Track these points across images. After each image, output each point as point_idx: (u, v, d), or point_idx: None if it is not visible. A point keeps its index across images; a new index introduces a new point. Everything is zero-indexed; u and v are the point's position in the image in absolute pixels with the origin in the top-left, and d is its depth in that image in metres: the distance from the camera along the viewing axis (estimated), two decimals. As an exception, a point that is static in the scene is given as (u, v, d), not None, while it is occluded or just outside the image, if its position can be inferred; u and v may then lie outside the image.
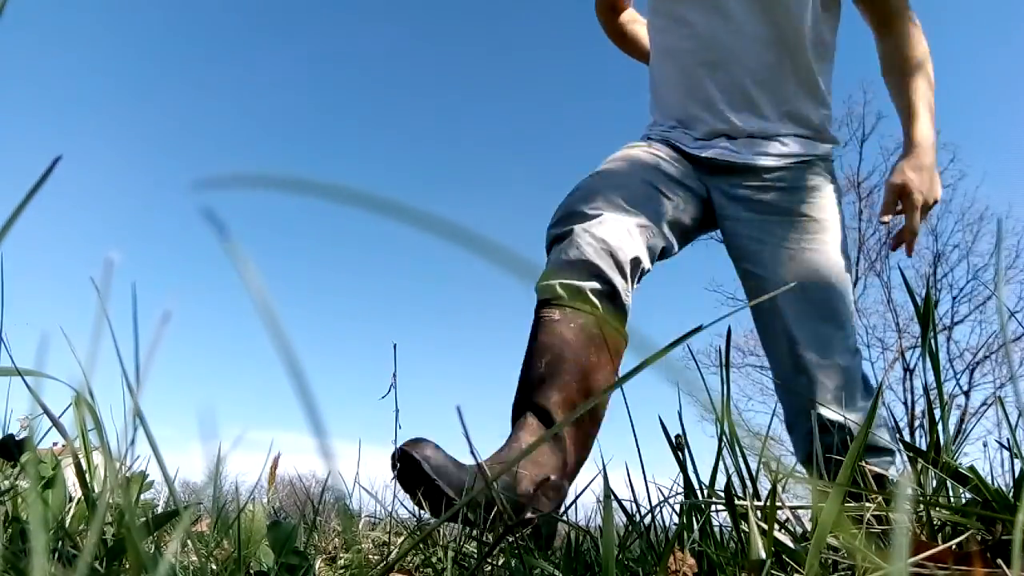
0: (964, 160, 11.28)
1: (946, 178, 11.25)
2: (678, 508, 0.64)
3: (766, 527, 0.47)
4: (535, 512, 1.05)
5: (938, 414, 0.66)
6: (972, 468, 0.56)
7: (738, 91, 1.50)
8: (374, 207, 0.25)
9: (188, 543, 0.60)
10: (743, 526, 0.52)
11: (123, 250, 0.33)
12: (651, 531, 0.69)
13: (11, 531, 0.56)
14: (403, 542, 0.86)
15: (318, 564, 0.68)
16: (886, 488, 0.95)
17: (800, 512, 0.59)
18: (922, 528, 0.54)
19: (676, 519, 0.66)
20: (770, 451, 0.66)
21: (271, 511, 1.27)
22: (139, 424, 0.43)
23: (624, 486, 0.73)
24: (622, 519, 0.72)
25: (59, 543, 0.56)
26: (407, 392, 1.18)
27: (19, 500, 0.64)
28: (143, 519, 0.56)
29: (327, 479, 0.92)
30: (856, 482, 0.69)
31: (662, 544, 0.68)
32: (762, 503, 0.53)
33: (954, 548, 0.46)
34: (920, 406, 10.63)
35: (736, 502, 0.54)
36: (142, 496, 0.81)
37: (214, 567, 0.61)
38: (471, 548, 0.83)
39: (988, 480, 0.55)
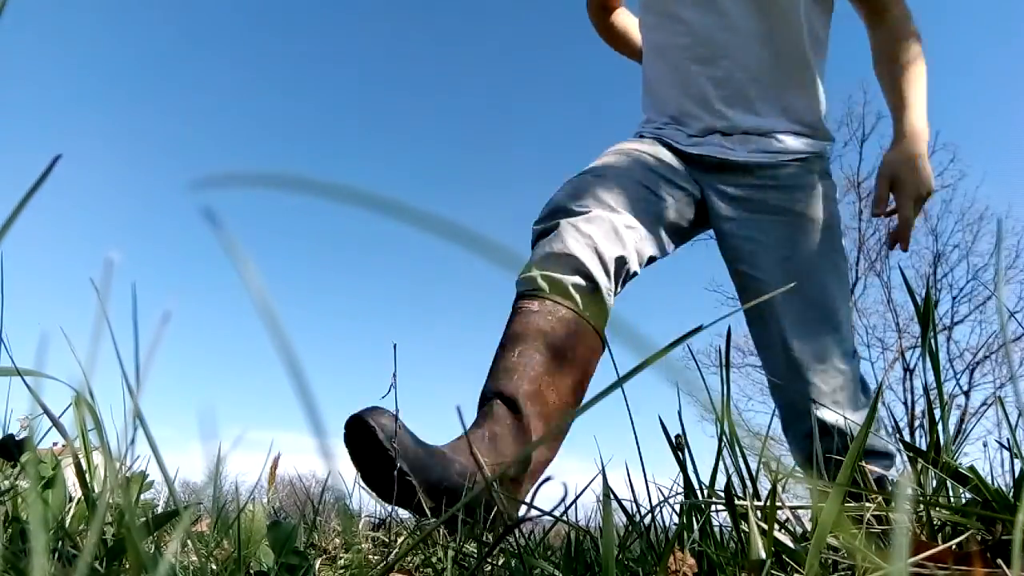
0: (964, 160, 11.28)
1: (946, 178, 11.26)
2: (678, 508, 0.64)
3: (766, 527, 0.47)
4: (491, 505, 0.96)
5: (938, 414, 0.66)
6: (972, 468, 0.56)
7: (733, 87, 1.47)
8: (374, 207, 0.25)
9: (188, 543, 0.60)
10: (743, 526, 0.52)
11: (123, 250, 0.33)
12: (651, 531, 0.69)
13: (11, 531, 0.56)
14: (403, 542, 0.86)
15: (318, 564, 0.68)
16: (886, 490, 0.95)
17: (800, 512, 0.59)
18: (922, 528, 0.54)
19: (676, 519, 0.66)
20: (770, 451, 0.66)
21: (271, 511, 1.27)
22: (139, 424, 0.43)
23: (624, 486, 0.73)
24: (622, 519, 0.72)
25: (59, 543, 0.56)
26: (407, 392, 1.17)
27: (19, 500, 0.64)
28: (143, 519, 0.56)
29: (327, 479, 0.92)
30: (856, 482, 0.69)
31: (662, 544, 0.68)
32: (762, 503, 0.53)
33: (954, 548, 0.46)
34: (920, 406, 10.63)
35: (736, 502, 0.54)
36: (142, 496, 0.81)
37: (214, 567, 0.61)
38: (471, 548, 0.83)
39: (988, 480, 0.55)
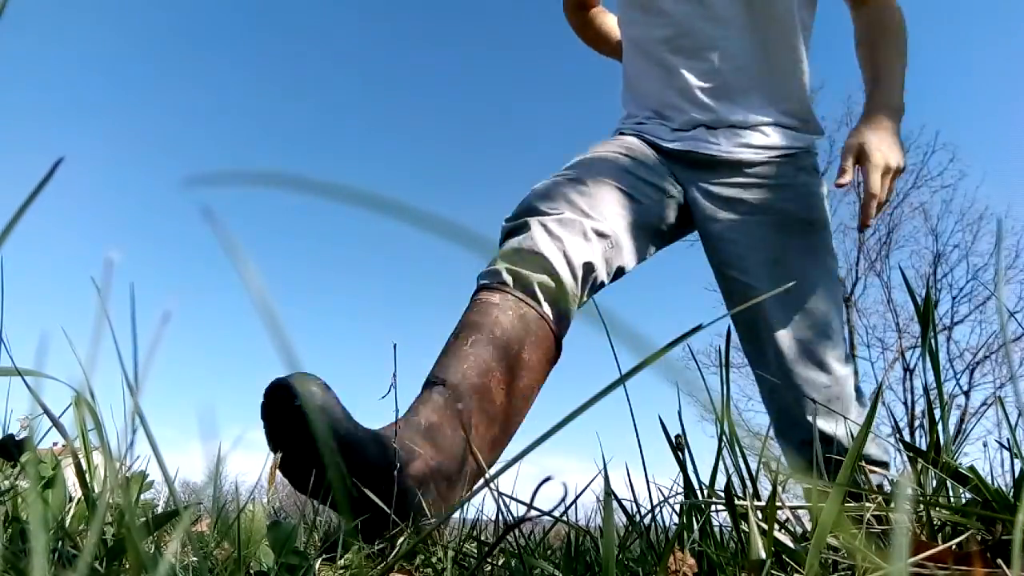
0: (964, 160, 11.31)
1: (946, 178, 11.28)
2: (678, 508, 0.64)
3: (766, 527, 0.47)
4: (418, 502, 0.90)
5: (938, 414, 0.66)
6: (972, 468, 0.56)
7: (718, 79, 1.41)
8: (374, 207, 0.25)
9: (188, 543, 0.60)
10: (743, 526, 0.52)
11: (123, 250, 0.33)
12: (651, 531, 0.69)
13: (11, 531, 0.56)
14: (403, 542, 0.86)
15: (318, 564, 0.68)
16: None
17: (800, 512, 0.59)
18: (922, 528, 0.54)
19: (676, 519, 0.66)
20: (770, 451, 0.66)
21: (271, 511, 1.27)
22: (139, 424, 0.43)
23: (624, 486, 0.73)
24: (622, 519, 0.71)
25: (59, 543, 0.56)
26: (407, 392, 1.17)
27: (19, 500, 0.64)
28: (143, 519, 0.56)
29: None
30: (856, 482, 0.69)
31: (662, 544, 0.68)
32: (762, 503, 0.53)
33: (954, 548, 0.46)
34: (920, 406, 10.64)
35: (736, 502, 0.54)
36: (142, 496, 0.81)
37: (214, 567, 0.61)
38: (471, 548, 0.83)
39: (988, 480, 0.55)
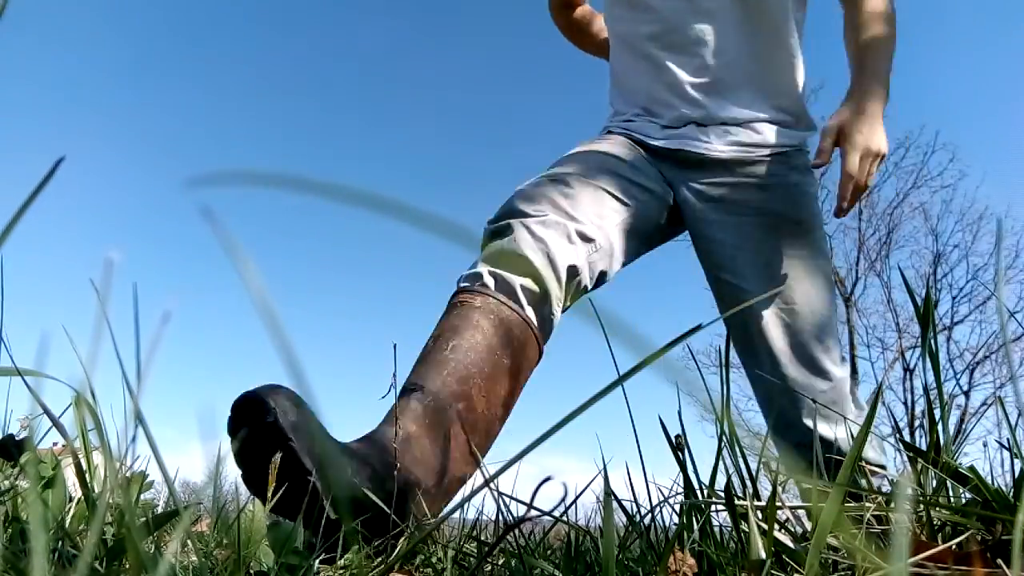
0: (964, 160, 11.32)
1: (946, 178, 11.29)
2: (678, 508, 0.64)
3: (766, 527, 0.47)
4: (399, 515, 0.85)
5: (938, 414, 0.66)
6: (972, 468, 0.56)
7: (708, 73, 1.37)
8: (374, 207, 0.25)
9: (188, 543, 0.60)
10: (743, 526, 0.52)
11: (123, 250, 0.33)
12: (651, 531, 0.69)
13: (11, 531, 0.56)
14: (403, 542, 0.86)
15: (318, 564, 0.68)
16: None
17: (800, 512, 0.59)
18: (922, 528, 0.54)
19: (676, 519, 0.66)
20: (770, 451, 0.66)
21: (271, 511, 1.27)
22: (139, 424, 0.43)
23: (624, 486, 0.73)
24: (622, 519, 0.72)
25: (59, 543, 0.56)
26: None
27: (19, 500, 0.64)
28: (143, 519, 0.56)
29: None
30: (855, 482, 0.69)
31: (662, 544, 0.68)
32: (762, 503, 0.53)
33: (954, 548, 0.46)
34: (920, 406, 10.64)
35: (736, 502, 0.54)
36: (142, 496, 0.81)
37: (214, 567, 0.61)
38: (471, 548, 0.83)
39: (988, 480, 0.55)
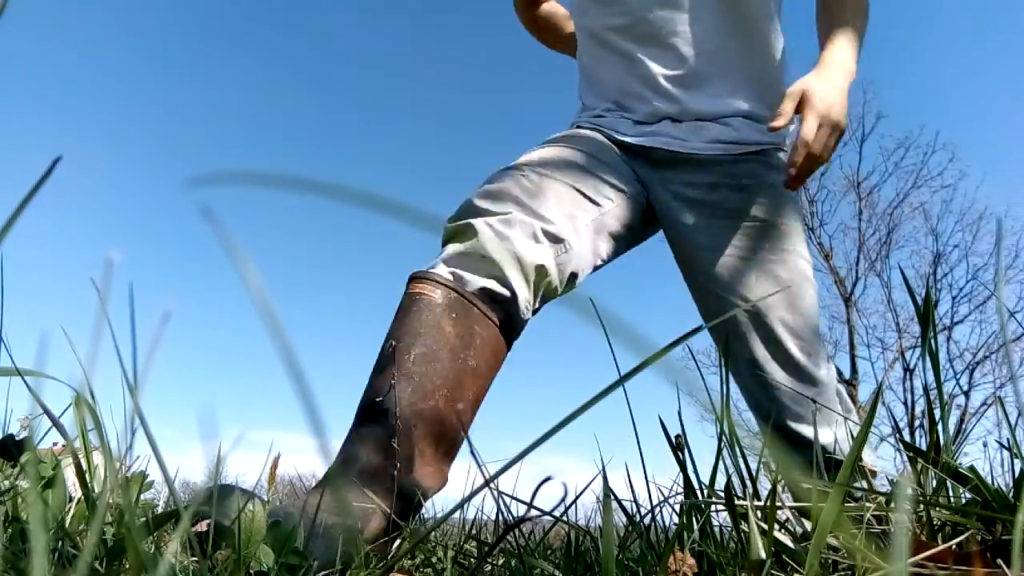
0: (964, 160, 11.32)
1: (946, 178, 11.30)
2: (678, 508, 0.64)
3: (766, 527, 0.47)
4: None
5: (938, 414, 0.66)
6: (972, 468, 0.56)
7: (682, 65, 1.31)
8: (374, 207, 0.25)
9: (188, 543, 0.60)
10: (743, 526, 0.52)
11: (123, 250, 0.33)
12: (651, 531, 0.69)
13: (11, 531, 0.56)
14: (403, 542, 0.86)
15: (318, 564, 0.68)
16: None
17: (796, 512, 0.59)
18: (922, 528, 0.54)
19: (676, 519, 0.66)
20: (770, 451, 0.66)
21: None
22: (139, 424, 0.43)
23: (624, 486, 0.73)
24: (622, 519, 0.72)
25: (59, 543, 0.56)
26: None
27: (19, 500, 0.64)
28: (143, 519, 0.56)
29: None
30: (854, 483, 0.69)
31: (662, 544, 0.68)
32: (762, 503, 0.53)
33: (954, 548, 0.46)
34: (920, 406, 10.64)
35: (736, 502, 0.54)
36: (142, 496, 0.81)
37: (214, 567, 0.61)
38: (471, 548, 0.83)
39: (988, 480, 0.55)
